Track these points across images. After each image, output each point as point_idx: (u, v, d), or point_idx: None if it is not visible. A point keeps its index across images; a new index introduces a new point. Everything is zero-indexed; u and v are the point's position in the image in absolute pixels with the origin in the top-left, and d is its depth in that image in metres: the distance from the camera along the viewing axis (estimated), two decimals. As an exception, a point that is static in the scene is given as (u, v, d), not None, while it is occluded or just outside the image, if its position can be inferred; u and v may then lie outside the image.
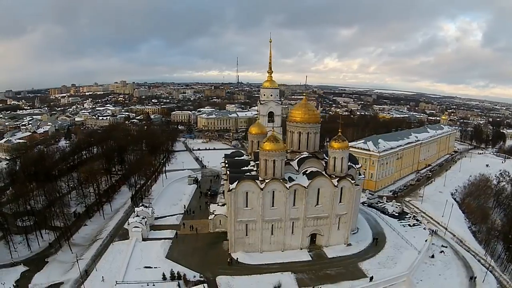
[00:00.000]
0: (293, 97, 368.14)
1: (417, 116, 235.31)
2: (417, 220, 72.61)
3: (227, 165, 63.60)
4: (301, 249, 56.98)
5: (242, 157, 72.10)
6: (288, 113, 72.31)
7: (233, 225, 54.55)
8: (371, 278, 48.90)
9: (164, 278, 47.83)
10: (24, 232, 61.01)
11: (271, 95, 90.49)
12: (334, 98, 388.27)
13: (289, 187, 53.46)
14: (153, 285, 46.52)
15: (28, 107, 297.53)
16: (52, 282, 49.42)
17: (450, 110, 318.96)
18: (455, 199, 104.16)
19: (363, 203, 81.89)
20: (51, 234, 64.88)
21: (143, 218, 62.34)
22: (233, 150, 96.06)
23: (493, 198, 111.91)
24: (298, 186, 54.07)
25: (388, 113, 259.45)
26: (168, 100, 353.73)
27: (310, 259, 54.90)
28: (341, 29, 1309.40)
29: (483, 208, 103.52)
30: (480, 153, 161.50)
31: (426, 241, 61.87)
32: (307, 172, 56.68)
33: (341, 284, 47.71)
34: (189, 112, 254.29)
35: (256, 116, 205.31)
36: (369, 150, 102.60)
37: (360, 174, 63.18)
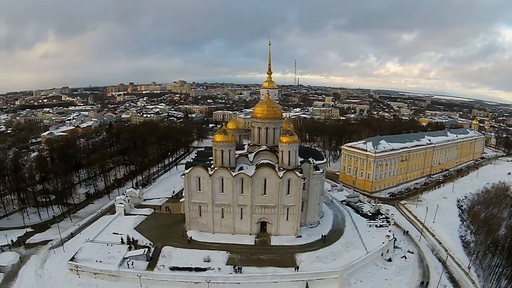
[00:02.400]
0: (347, 100, 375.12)
1: (460, 121, 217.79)
2: (388, 222, 71.35)
3: (195, 156, 71.54)
4: (250, 234, 62.07)
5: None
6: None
7: (188, 205, 62.50)
8: (297, 268, 51.68)
9: (122, 241, 58.06)
10: (41, 205, 77.37)
11: (270, 96, 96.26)
12: (388, 102, 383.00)
13: (235, 175, 59.31)
14: (111, 245, 57.05)
15: (82, 104, 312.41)
16: (44, 239, 63.12)
17: (502, 118, 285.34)
18: (460, 206, 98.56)
19: (342, 201, 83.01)
20: (63, 209, 79.95)
21: (128, 197, 73.81)
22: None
23: (510, 208, 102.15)
24: (244, 175, 59.57)
25: (431, 118, 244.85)
26: (223, 101, 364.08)
27: (253, 244, 59.78)
28: (402, 33, 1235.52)
29: (494, 218, 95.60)
30: (509, 161, 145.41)
31: (383, 243, 61.05)
32: (258, 164, 61.80)
33: (266, 269, 51.76)
34: (230, 112, 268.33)
35: (293, 116, 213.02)
36: (366, 151, 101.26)
37: (318, 169, 65.37)
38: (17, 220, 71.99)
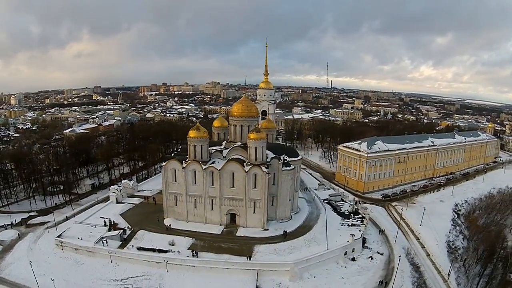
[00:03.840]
0: (376, 103, 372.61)
1: (482, 125, 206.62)
2: (362, 222, 71.30)
3: (179, 150, 77.16)
4: (220, 225, 66.27)
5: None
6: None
7: (165, 195, 68.13)
8: (249, 257, 54.92)
9: (105, 224, 65.18)
10: (49, 194, 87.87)
11: (265, 95, 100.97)
12: (418, 106, 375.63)
13: (205, 168, 63.89)
14: (95, 227, 64.73)
15: (111, 103, 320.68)
16: (43, 221, 72.10)
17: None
18: (458, 210, 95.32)
19: (324, 199, 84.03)
20: (69, 197, 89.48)
21: (121, 188, 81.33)
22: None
23: None
24: (213, 169, 63.93)
25: (453, 121, 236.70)
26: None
27: (219, 233, 63.83)
28: (436, 36, 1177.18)
29: (495, 225, 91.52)
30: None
31: (347, 242, 61.48)
32: (229, 158, 65.89)
33: (221, 255, 55.54)
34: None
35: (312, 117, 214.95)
36: (359, 151, 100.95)
37: (288, 166, 67.73)
38: (25, 206, 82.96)
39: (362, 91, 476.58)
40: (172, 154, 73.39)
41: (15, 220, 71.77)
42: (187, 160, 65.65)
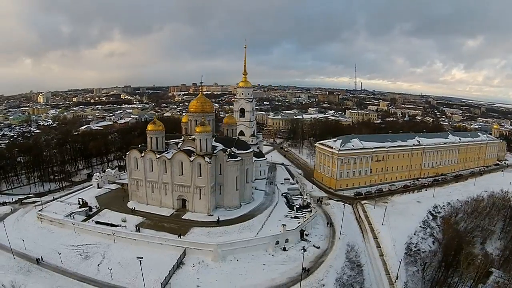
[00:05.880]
0: (401, 105, 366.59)
1: (505, 128, 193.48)
2: (310, 215, 73.68)
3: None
4: (173, 208, 74.36)
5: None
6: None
7: (129, 181, 77.94)
8: (179, 235, 61.86)
9: (79, 203, 76.39)
10: (49, 181, 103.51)
11: (243, 94, 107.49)
12: (443, 109, 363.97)
13: (158, 157, 72.43)
14: (70, 205, 76.53)
15: (138, 102, 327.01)
16: (35, 200, 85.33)
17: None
18: (437, 212, 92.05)
19: (283, 193, 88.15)
20: (65, 184, 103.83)
21: (102, 175, 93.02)
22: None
23: (503, 220, 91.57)
24: (165, 158, 72.21)
25: (470, 124, 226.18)
26: (279, 103, 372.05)
27: (168, 215, 71.71)
28: (467, 39, 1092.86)
29: (478, 230, 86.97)
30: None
31: (280, 232, 64.47)
32: (179, 149, 73.82)
33: (160, 233, 63.22)
34: (263, 112, 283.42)
35: (322, 118, 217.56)
36: (331, 148, 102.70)
37: (234, 157, 73.58)
38: (26, 190, 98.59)
39: (391, 93, 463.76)
40: (141, 145, 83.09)
41: (12, 199, 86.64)
42: (146, 150, 74.85)
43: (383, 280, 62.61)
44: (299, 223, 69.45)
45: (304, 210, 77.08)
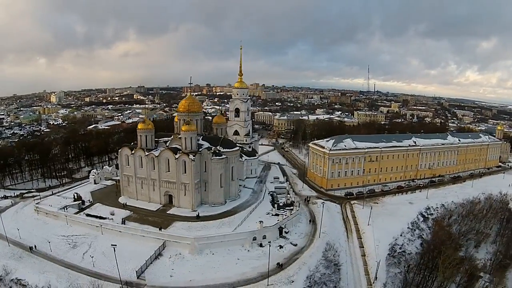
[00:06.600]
0: (413, 107, 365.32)
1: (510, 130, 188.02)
2: (291, 213, 74.77)
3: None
4: (160, 203, 77.53)
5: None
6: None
7: (121, 177, 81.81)
8: (160, 228, 64.73)
9: (74, 197, 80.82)
10: (51, 177, 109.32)
11: (238, 94, 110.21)
12: (455, 111, 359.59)
13: (146, 155, 75.84)
14: (66, 198, 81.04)
15: (149, 102, 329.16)
16: (35, 194, 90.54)
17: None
18: (429, 214, 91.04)
19: (270, 191, 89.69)
20: (66, 180, 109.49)
21: (99, 172, 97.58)
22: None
23: (500, 223, 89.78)
24: (153, 155, 75.52)
25: (478, 125, 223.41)
26: (291, 104, 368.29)
27: (154, 210, 74.76)
28: (481, 40, 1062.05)
29: (472, 233, 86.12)
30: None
31: (257, 228, 65.81)
32: (167, 147, 76.98)
33: (143, 226, 66.37)
34: (270, 113, 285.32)
35: (326, 119, 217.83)
36: (323, 148, 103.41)
37: (219, 156, 75.99)
38: (29, 185, 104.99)
39: (404, 95, 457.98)
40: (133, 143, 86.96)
41: (14, 193, 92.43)
42: (136, 148, 78.52)
43: (362, 280, 62.92)
44: (278, 220, 70.84)
45: (287, 208, 78.26)
